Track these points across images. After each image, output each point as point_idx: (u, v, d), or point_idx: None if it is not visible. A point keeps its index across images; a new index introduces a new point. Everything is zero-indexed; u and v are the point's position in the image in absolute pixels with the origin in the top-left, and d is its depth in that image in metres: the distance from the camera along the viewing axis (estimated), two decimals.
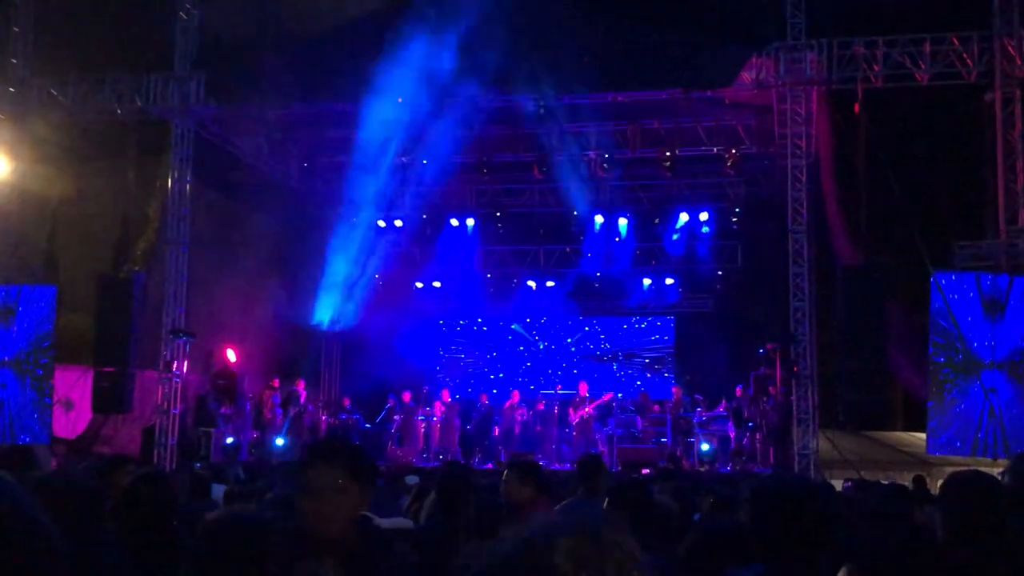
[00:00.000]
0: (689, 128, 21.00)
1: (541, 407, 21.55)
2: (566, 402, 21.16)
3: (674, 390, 21.31)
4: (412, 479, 8.91)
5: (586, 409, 20.53)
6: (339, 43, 17.60)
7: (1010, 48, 16.91)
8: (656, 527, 5.75)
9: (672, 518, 6.09)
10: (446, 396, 21.94)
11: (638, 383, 23.93)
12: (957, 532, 3.80)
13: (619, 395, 21.84)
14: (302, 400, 21.12)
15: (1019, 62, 16.88)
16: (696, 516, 7.23)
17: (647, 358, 25.15)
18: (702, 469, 18.73)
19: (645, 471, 15.81)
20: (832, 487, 12.15)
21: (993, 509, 3.81)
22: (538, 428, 21.31)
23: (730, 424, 19.94)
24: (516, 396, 21.65)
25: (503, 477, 6.21)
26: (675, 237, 23.46)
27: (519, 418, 21.09)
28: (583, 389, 21.18)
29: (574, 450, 20.27)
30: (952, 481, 4.07)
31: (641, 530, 5.51)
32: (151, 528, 4.52)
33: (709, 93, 18.64)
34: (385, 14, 17.33)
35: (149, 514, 4.55)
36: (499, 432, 21.15)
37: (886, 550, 3.72)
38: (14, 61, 19.95)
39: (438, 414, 21.27)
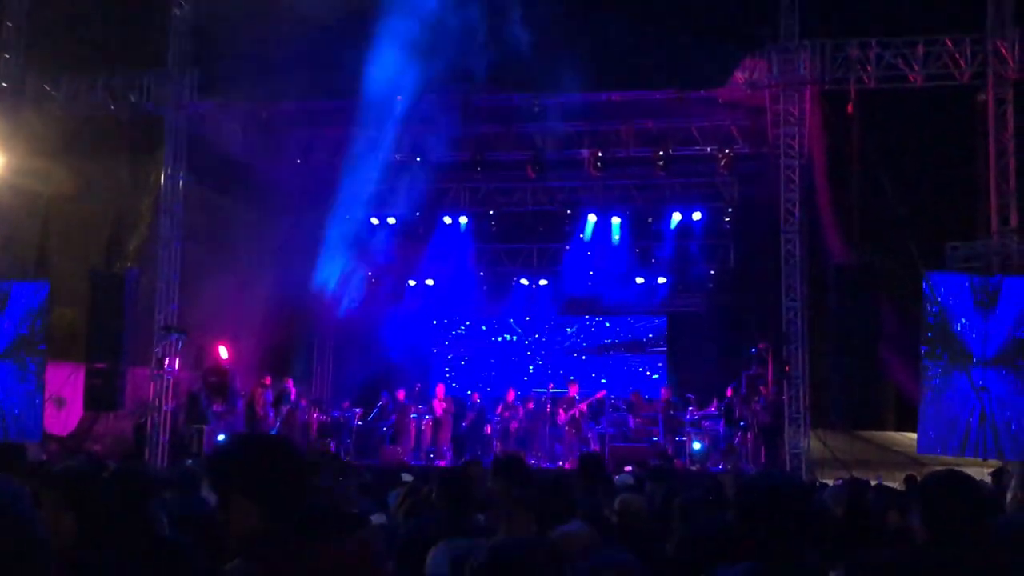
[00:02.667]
0: (683, 128, 21.03)
1: (531, 405, 21.56)
2: (557, 400, 21.17)
3: (663, 390, 21.36)
4: (407, 477, 8.92)
5: (579, 408, 20.55)
6: (333, 41, 17.57)
7: (1003, 49, 16.95)
8: (641, 527, 5.78)
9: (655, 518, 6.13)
10: (441, 392, 21.76)
11: (632, 388, 23.89)
12: (937, 532, 3.80)
13: (612, 397, 21.85)
14: (292, 397, 21.10)
15: (1011, 63, 16.91)
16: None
17: (639, 357, 25.16)
18: (693, 468, 18.74)
19: (628, 468, 15.87)
20: (824, 486, 12.17)
21: (971, 507, 3.81)
22: (528, 426, 21.32)
23: (722, 423, 19.97)
24: (511, 395, 21.61)
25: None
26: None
27: (515, 416, 21.04)
28: (573, 390, 21.18)
29: (566, 448, 20.31)
30: (928, 481, 4.07)
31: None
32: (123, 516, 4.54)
33: (703, 93, 18.69)
34: (379, 12, 17.32)
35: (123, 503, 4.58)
36: (492, 430, 21.11)
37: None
38: (7, 56, 19.91)
39: (438, 411, 21.12)
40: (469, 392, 22.83)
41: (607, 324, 25.53)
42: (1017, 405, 15.80)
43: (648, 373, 24.86)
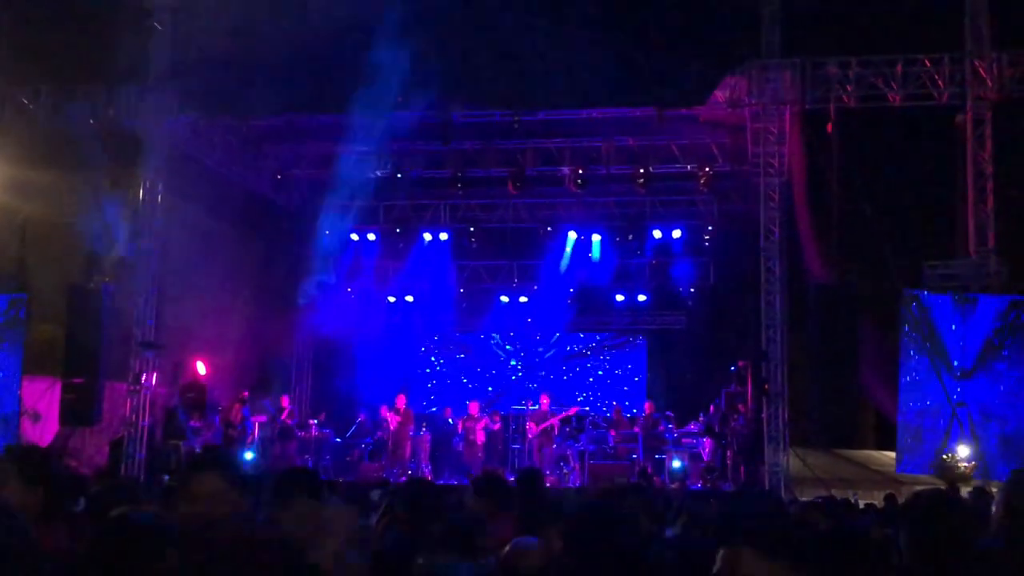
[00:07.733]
0: (663, 145, 21.08)
1: (498, 419, 21.51)
2: (530, 415, 21.07)
3: (646, 405, 21.31)
4: (376, 493, 8.81)
5: (549, 422, 20.47)
6: (314, 57, 17.56)
7: (981, 70, 17.06)
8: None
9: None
10: (401, 403, 21.20)
11: (613, 402, 23.86)
12: (922, 552, 3.78)
13: (587, 410, 21.80)
14: (283, 416, 20.97)
15: (990, 84, 17.03)
16: (668, 532, 7.19)
17: (618, 374, 25.15)
18: (673, 486, 18.71)
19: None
20: (803, 504, 12.15)
21: (957, 528, 3.79)
22: (500, 441, 21.27)
23: (700, 441, 19.96)
24: (474, 408, 21.47)
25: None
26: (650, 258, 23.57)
27: (480, 430, 20.89)
28: (544, 403, 21.11)
29: (537, 464, 20.25)
30: (915, 500, 4.04)
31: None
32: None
33: (683, 111, 18.72)
34: (360, 29, 17.29)
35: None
36: (463, 446, 20.93)
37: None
38: None
39: (392, 425, 20.93)
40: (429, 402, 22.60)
41: (587, 341, 25.51)
42: (1002, 408, 15.87)
43: (627, 390, 24.83)
